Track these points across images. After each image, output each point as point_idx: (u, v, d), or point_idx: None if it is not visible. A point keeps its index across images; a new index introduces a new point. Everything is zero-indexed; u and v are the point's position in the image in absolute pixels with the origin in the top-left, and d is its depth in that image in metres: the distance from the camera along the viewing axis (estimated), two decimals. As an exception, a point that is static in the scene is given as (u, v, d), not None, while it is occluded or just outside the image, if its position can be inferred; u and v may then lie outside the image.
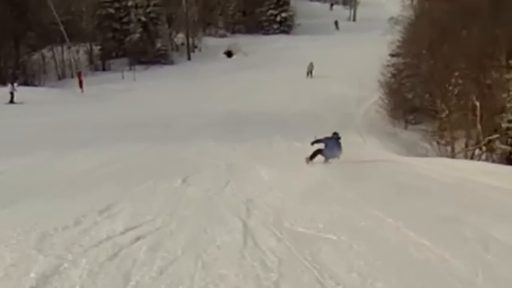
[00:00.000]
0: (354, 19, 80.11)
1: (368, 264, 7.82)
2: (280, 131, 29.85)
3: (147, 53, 60.19)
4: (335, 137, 20.40)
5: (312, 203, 12.07)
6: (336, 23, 75.42)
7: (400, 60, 40.71)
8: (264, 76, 51.54)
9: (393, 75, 40.29)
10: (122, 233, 9.44)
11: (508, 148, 23.76)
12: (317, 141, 20.11)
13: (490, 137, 25.85)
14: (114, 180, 15.90)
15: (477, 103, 26.39)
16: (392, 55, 41.24)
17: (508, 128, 24.00)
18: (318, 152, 19.83)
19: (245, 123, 32.40)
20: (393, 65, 40.86)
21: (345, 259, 8.02)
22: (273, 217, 10.55)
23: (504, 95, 25.94)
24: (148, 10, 61.48)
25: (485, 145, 26.25)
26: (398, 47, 41.22)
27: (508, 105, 24.65)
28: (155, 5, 61.77)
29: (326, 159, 20.02)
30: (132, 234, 9.32)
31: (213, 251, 8.40)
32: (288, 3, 73.88)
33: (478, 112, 26.40)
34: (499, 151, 24.71)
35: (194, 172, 17.25)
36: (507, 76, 24.94)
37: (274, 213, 10.89)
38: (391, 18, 48.06)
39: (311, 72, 52.06)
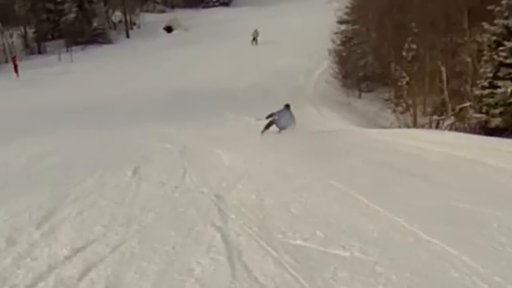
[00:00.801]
0: (293, -12, 77.70)
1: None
2: (231, 107, 28.09)
3: (84, 33, 57.14)
4: (287, 109, 20.75)
5: (293, 195, 9.98)
6: None
7: (349, 27, 38.74)
8: (207, 50, 49.09)
9: (343, 43, 38.45)
10: (67, 258, 7.19)
11: (483, 117, 21.77)
12: (271, 115, 20.43)
13: (462, 105, 23.98)
14: (55, 175, 13.69)
15: (443, 68, 24.52)
16: (340, 22, 39.17)
17: (482, 95, 22.01)
18: (271, 123, 20.29)
19: (192, 101, 30.26)
20: (341, 32, 38.85)
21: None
22: (256, 222, 8.35)
23: (469, 59, 24.13)
24: (83, -13, 58.19)
25: (456, 114, 24.42)
26: (347, 13, 39.12)
27: (481, 70, 22.67)
28: (89, -19, 58.49)
29: (280, 130, 20.26)
30: (79, 261, 7.07)
31: (193, 288, 6.16)
32: (227, -26, 71.08)
33: (444, 78, 24.53)
34: (473, 120, 22.74)
35: (145, 161, 15.06)
36: (479, 39, 22.99)
37: (255, 216, 8.68)
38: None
39: (256, 38, 50.89)
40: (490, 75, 22.07)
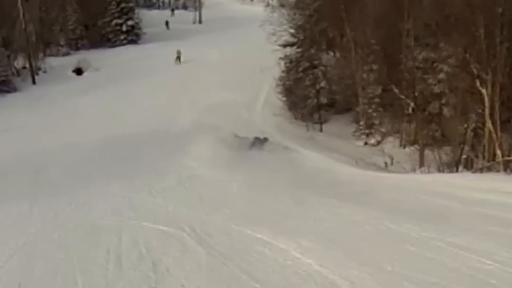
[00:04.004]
0: (200, 21, 72.55)
1: None
2: (186, 153, 22.68)
3: (-17, 83, 48.99)
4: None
5: None
6: (166, 23, 69.80)
7: (293, 51, 32.94)
8: (127, 90, 42.26)
9: (288, 69, 32.56)
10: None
11: None
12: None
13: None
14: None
15: (484, 91, 18.25)
16: (284, 46, 33.14)
17: None
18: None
19: (139, 151, 24.08)
20: (285, 57, 32.95)
21: None
22: None
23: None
24: (-20, 33, 50.33)
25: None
26: (293, 35, 33.17)
27: None
28: (-14, 26, 50.70)
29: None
30: None
31: None
32: (133, 10, 64.09)
33: (487, 104, 18.26)
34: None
35: (155, 277, 8.62)
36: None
37: None
38: (267, 5, 39.66)
39: (179, 57, 49.12)
40: None
